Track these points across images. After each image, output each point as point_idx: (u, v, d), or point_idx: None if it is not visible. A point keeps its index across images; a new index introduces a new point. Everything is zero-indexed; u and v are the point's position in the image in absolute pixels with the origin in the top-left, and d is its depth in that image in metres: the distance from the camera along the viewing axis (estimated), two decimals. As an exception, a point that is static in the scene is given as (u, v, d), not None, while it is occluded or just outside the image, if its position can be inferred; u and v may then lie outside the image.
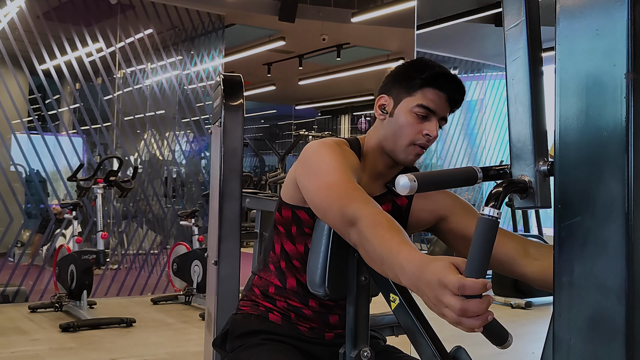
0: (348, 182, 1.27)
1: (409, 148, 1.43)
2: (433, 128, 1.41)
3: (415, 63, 1.46)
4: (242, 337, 1.50)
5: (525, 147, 0.94)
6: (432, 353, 1.19)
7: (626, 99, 0.71)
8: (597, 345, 0.74)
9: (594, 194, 0.75)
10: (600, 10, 0.74)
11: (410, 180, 0.93)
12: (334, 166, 1.32)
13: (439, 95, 1.41)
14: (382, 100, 1.48)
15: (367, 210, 1.16)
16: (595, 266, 0.74)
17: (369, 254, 1.12)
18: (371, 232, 1.11)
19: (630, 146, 0.71)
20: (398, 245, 1.04)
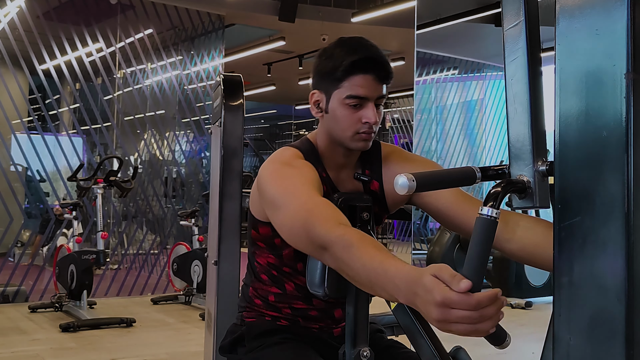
0: (309, 202, 1.23)
1: (354, 137, 1.40)
2: (370, 114, 1.38)
3: (334, 51, 1.39)
4: (260, 337, 1.48)
5: (523, 147, 0.94)
6: (432, 353, 1.19)
7: (626, 98, 0.71)
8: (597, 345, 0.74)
9: (593, 193, 0.75)
10: (600, 10, 0.74)
11: (409, 180, 0.92)
12: (291, 191, 1.28)
13: (365, 78, 1.36)
14: (315, 96, 1.45)
15: (334, 233, 1.11)
16: (595, 266, 0.74)
17: (353, 278, 1.08)
18: (347, 255, 1.07)
19: (630, 146, 0.71)
20: (382, 264, 1.00)
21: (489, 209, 0.87)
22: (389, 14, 7.65)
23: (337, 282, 1.36)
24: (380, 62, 1.38)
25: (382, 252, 1.03)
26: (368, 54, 1.37)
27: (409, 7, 7.32)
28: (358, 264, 1.04)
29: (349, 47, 1.38)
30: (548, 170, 0.90)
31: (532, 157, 0.92)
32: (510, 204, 0.97)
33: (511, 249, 1.33)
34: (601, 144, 0.74)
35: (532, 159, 0.92)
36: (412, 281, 0.92)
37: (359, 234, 1.10)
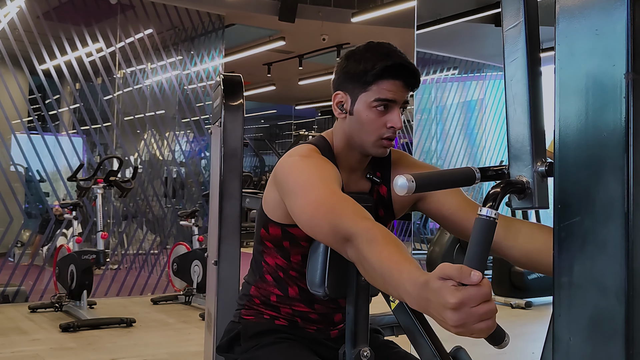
0: (333, 195, 1.23)
1: (377, 142, 1.41)
2: (396, 119, 1.39)
3: (364, 54, 1.41)
4: (256, 337, 1.48)
5: (523, 148, 0.94)
6: (432, 353, 1.19)
7: (626, 99, 0.71)
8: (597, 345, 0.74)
9: (593, 194, 0.75)
10: (600, 10, 0.74)
11: (408, 181, 0.93)
12: (313, 181, 1.29)
13: (394, 84, 1.38)
14: (339, 97, 1.45)
15: (360, 226, 1.12)
16: (594, 266, 0.74)
17: (369, 272, 1.09)
18: (368, 249, 1.08)
19: (630, 146, 0.71)
20: (398, 264, 1.00)
21: (488, 209, 0.88)
22: (389, 14, 7.65)
23: (337, 282, 1.36)
24: (411, 69, 1.40)
25: (402, 253, 1.03)
26: (400, 60, 1.39)
27: (409, 7, 7.32)
28: (376, 258, 1.04)
29: (380, 52, 1.40)
30: (547, 171, 0.90)
31: (531, 157, 0.92)
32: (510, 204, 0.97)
33: (514, 256, 1.34)
34: (601, 144, 0.74)
35: (532, 159, 0.92)
36: (421, 286, 0.90)
37: (385, 231, 1.10)
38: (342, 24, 8.13)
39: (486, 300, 0.82)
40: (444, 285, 0.84)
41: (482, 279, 0.83)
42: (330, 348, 1.49)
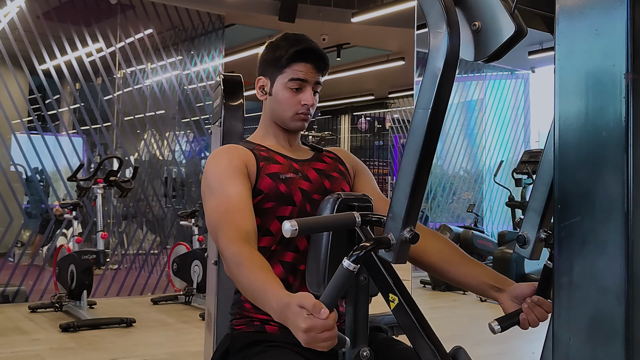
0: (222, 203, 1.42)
1: (293, 117, 1.60)
2: (308, 97, 1.58)
3: (280, 43, 1.60)
4: (244, 349, 1.49)
5: (399, 213, 1.08)
6: (432, 353, 1.19)
7: (625, 99, 0.71)
8: (597, 345, 0.74)
9: (593, 194, 0.75)
10: (599, 11, 0.74)
11: (292, 226, 1.09)
12: (213, 186, 1.47)
13: (305, 66, 1.57)
14: (261, 82, 1.65)
15: (230, 250, 1.31)
16: (594, 266, 0.74)
17: (241, 290, 1.30)
18: (237, 271, 1.28)
19: (630, 146, 0.71)
20: (264, 284, 1.19)
21: (349, 262, 1.07)
22: (389, 14, 7.65)
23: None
24: (319, 53, 1.59)
25: (266, 273, 1.23)
26: (309, 46, 1.58)
27: (409, 7, 7.32)
28: (245, 280, 1.25)
29: (293, 40, 1.59)
30: (410, 239, 1.08)
31: (402, 224, 1.07)
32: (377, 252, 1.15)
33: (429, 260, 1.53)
34: (601, 144, 0.74)
35: (402, 225, 1.08)
36: (283, 306, 1.10)
37: (250, 254, 1.29)
38: (342, 24, 8.13)
39: (328, 329, 1.04)
40: (300, 312, 1.06)
41: (328, 314, 1.04)
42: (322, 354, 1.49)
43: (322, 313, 1.04)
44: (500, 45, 0.97)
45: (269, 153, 1.60)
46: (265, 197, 1.52)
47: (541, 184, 1.15)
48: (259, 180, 1.52)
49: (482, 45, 1.01)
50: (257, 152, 1.59)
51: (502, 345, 4.68)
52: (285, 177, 1.54)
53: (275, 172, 1.55)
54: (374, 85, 12.94)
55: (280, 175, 1.54)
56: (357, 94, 14.23)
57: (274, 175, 1.54)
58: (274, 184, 1.52)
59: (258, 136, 1.68)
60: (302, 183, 1.56)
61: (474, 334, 5.02)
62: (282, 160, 1.59)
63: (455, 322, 5.35)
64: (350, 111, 16.11)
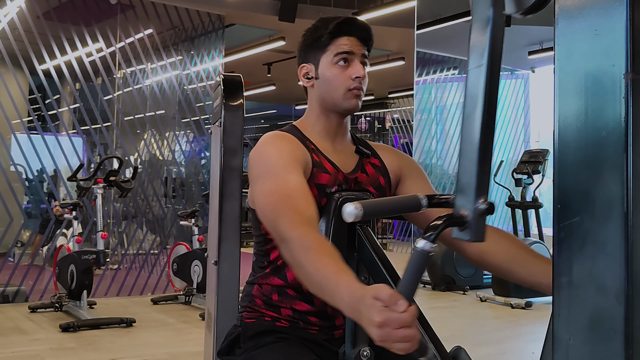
0: (283, 188, 1.31)
1: (346, 95, 1.50)
2: (358, 68, 1.50)
3: (317, 24, 1.54)
4: (255, 337, 1.48)
5: (469, 184, 0.98)
6: (432, 353, 1.19)
7: (625, 99, 0.71)
8: (597, 345, 0.74)
9: (593, 194, 0.75)
10: (599, 10, 0.74)
11: (356, 209, 1.01)
12: (270, 170, 1.37)
13: (349, 39, 1.50)
14: (304, 69, 1.56)
15: (296, 231, 1.20)
16: (594, 266, 0.74)
17: (305, 278, 1.17)
18: (303, 256, 1.15)
19: (630, 146, 0.71)
20: (335, 275, 1.08)
21: (424, 242, 0.95)
22: (389, 14, 7.65)
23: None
24: (361, 25, 1.52)
25: (337, 262, 1.11)
26: (350, 20, 1.52)
27: (409, 7, 7.32)
28: (312, 267, 1.13)
29: (330, 19, 1.54)
30: (487, 210, 0.97)
31: (474, 195, 0.97)
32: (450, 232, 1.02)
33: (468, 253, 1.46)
34: (601, 144, 0.74)
35: (474, 197, 0.97)
36: (357, 299, 0.99)
37: (319, 239, 1.19)
38: (342, 24, 8.13)
39: (406, 326, 0.92)
40: (374, 304, 0.94)
41: (407, 307, 0.93)
42: (331, 351, 1.48)
43: (398, 305, 0.93)
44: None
45: (320, 157, 1.50)
46: None
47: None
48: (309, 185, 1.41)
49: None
50: (310, 151, 1.49)
51: (502, 345, 4.68)
52: (330, 192, 1.45)
53: (324, 184, 1.46)
54: (374, 85, 12.93)
55: (327, 188, 1.46)
56: (357, 94, 14.22)
57: (322, 187, 1.45)
58: (318, 197, 1.42)
59: (307, 126, 1.56)
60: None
61: (474, 334, 5.03)
62: (331, 169, 1.49)
63: (455, 322, 5.35)
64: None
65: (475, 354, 1.33)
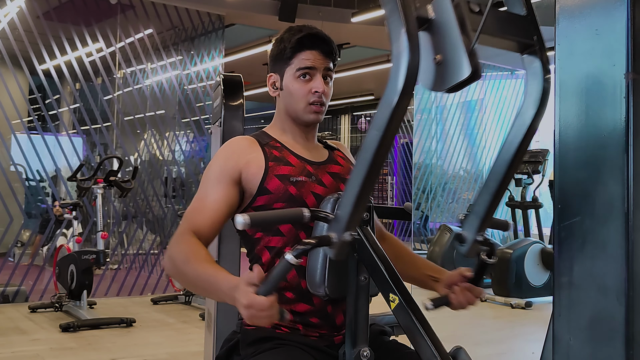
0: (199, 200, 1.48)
1: (306, 108, 1.56)
2: (318, 84, 1.54)
3: (283, 37, 1.58)
4: (255, 344, 1.47)
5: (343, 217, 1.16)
6: (432, 353, 1.19)
7: (626, 99, 0.71)
8: (597, 345, 0.74)
9: (593, 194, 0.75)
10: (600, 11, 0.74)
11: (244, 219, 1.19)
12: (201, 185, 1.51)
13: (312, 53, 1.54)
14: (271, 79, 1.62)
15: (178, 247, 1.38)
16: (594, 266, 0.74)
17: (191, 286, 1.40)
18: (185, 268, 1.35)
19: (630, 146, 0.71)
20: (213, 274, 1.29)
21: (290, 256, 1.14)
22: (389, 14, 7.64)
23: (338, 282, 1.36)
24: (323, 38, 1.56)
25: (213, 265, 1.32)
26: (311, 32, 1.55)
27: (409, 7, 7.30)
28: (194, 275, 1.33)
29: (295, 30, 1.57)
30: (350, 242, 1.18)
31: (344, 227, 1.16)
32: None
33: None
34: (601, 144, 0.74)
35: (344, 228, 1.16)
36: (232, 288, 1.21)
37: (196, 250, 1.36)
38: (342, 24, 8.13)
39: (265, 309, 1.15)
40: (245, 289, 1.17)
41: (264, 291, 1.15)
42: (331, 356, 1.48)
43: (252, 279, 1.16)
44: (457, 83, 1.01)
45: (282, 152, 1.56)
46: (273, 197, 1.49)
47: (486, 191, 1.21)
48: (267, 179, 1.50)
49: (441, 77, 1.04)
50: (270, 149, 1.55)
51: (502, 345, 4.68)
52: (296, 180, 1.51)
53: (285, 174, 1.51)
54: (374, 85, 12.93)
55: (291, 177, 1.51)
56: (357, 94, 14.23)
57: (284, 177, 1.50)
58: (283, 186, 1.49)
59: (275, 129, 1.64)
60: (315, 187, 1.52)
61: (474, 334, 5.02)
62: (295, 161, 1.55)
63: (455, 322, 5.35)
64: (350, 111, 16.11)
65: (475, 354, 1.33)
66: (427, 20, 1.04)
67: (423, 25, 1.05)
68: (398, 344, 1.58)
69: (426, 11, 1.05)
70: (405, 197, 11.92)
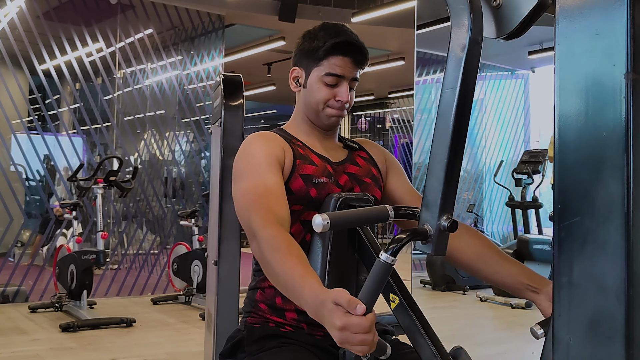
0: (259, 186, 1.36)
1: (326, 111, 1.53)
2: (343, 93, 1.51)
3: (318, 33, 1.52)
4: (259, 341, 1.47)
5: (434, 201, 1.03)
6: (432, 353, 1.19)
7: (625, 99, 0.71)
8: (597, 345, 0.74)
9: (593, 194, 0.75)
10: (599, 10, 0.74)
11: (324, 220, 1.07)
12: (248, 169, 1.41)
13: (343, 60, 1.50)
14: (295, 72, 1.58)
15: (267, 230, 1.25)
16: (594, 266, 0.74)
17: (272, 277, 1.23)
18: (272, 256, 1.21)
19: (630, 146, 0.71)
20: (301, 277, 1.13)
21: (386, 255, 1.02)
22: (389, 14, 7.65)
23: (338, 282, 1.36)
24: (359, 47, 1.52)
25: (304, 265, 1.17)
26: (349, 38, 1.51)
27: (409, 7, 7.31)
28: (280, 268, 1.18)
29: (332, 30, 1.52)
30: (449, 227, 1.02)
31: (438, 212, 1.02)
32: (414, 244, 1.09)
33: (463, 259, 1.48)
34: (601, 144, 0.74)
35: (438, 214, 1.02)
36: (319, 303, 1.05)
37: (288, 240, 1.23)
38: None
39: (364, 331, 0.99)
40: (336, 309, 1.01)
41: (365, 311, 0.99)
42: (337, 356, 1.48)
43: (357, 309, 1.00)
44: (523, 20, 0.94)
45: (306, 150, 1.53)
46: (293, 198, 1.45)
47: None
48: (292, 178, 1.46)
49: (504, 21, 0.98)
50: (295, 146, 1.52)
51: (502, 345, 4.68)
52: (318, 182, 1.47)
53: (309, 174, 1.48)
54: (374, 85, 12.93)
55: (314, 179, 1.47)
56: (357, 94, 14.19)
57: (307, 177, 1.47)
58: (305, 188, 1.46)
59: (293, 127, 1.60)
60: (333, 189, 1.49)
61: (474, 334, 5.02)
62: (317, 161, 1.52)
63: (455, 322, 5.35)
64: (350, 111, 16.13)
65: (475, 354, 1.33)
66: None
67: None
68: (399, 343, 1.58)
69: None
70: (405, 197, 11.90)
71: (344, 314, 1.00)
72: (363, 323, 0.99)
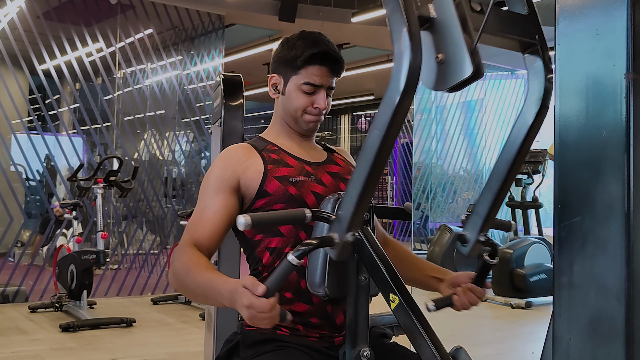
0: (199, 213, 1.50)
1: (305, 119, 1.58)
2: (321, 100, 1.56)
3: (296, 42, 1.57)
4: (255, 346, 1.48)
5: (345, 217, 1.17)
6: (432, 353, 1.19)
7: (626, 99, 0.71)
8: (597, 344, 0.74)
9: (593, 194, 0.75)
10: (600, 11, 0.74)
11: (246, 219, 1.18)
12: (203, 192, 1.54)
13: (321, 69, 1.55)
14: (274, 79, 1.62)
15: (180, 260, 1.39)
16: (595, 266, 0.74)
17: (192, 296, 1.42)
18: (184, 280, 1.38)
19: (630, 146, 0.71)
20: (211, 280, 1.30)
21: (292, 257, 1.15)
22: (389, 14, 7.64)
23: (338, 282, 1.36)
24: (335, 57, 1.57)
25: (211, 270, 1.34)
26: (326, 48, 1.55)
27: (409, 7, 7.30)
28: (194, 284, 1.35)
29: (309, 40, 1.56)
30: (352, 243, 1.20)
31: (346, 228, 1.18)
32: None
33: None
34: (601, 144, 0.74)
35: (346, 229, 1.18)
36: (233, 290, 1.21)
37: (196, 259, 1.38)
38: (342, 24, 8.13)
39: (266, 311, 1.15)
40: (244, 291, 1.17)
41: (264, 292, 1.15)
42: (332, 358, 1.48)
43: (258, 289, 1.15)
44: (459, 82, 1.01)
45: (280, 155, 1.57)
46: (272, 199, 1.48)
47: (488, 191, 1.22)
48: (266, 182, 1.49)
49: (443, 77, 1.04)
50: (267, 153, 1.56)
51: (502, 345, 4.68)
52: (296, 180, 1.51)
53: (284, 175, 1.51)
54: (374, 85, 12.94)
55: (290, 178, 1.51)
56: (357, 94, 14.23)
57: (283, 178, 1.51)
58: (283, 187, 1.49)
59: (272, 133, 1.65)
60: (315, 186, 1.52)
61: (474, 334, 5.02)
62: (293, 162, 1.56)
63: (455, 322, 5.34)
64: (350, 111, 16.11)
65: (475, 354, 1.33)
66: (428, 20, 1.04)
67: (425, 24, 1.04)
68: (398, 346, 1.58)
69: (428, 10, 1.04)
70: (405, 197, 11.92)
71: (250, 295, 1.16)
72: (264, 304, 1.15)
